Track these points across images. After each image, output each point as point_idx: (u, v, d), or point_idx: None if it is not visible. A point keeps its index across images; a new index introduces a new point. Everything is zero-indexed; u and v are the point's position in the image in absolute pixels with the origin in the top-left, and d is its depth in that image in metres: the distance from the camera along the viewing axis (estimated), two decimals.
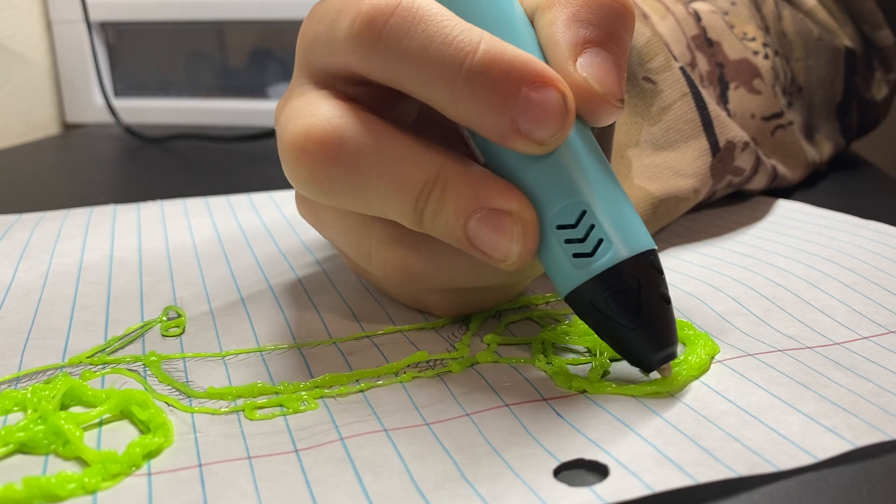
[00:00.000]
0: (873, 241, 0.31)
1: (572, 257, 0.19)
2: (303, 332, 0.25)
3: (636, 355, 0.20)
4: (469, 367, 0.22)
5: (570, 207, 0.20)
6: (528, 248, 0.20)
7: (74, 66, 0.71)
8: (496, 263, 0.20)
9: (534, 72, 0.19)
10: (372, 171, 0.20)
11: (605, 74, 0.20)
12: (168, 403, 0.20)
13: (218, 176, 0.49)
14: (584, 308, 0.20)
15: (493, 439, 0.18)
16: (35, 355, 0.23)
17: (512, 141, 0.19)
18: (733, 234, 0.33)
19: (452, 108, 0.19)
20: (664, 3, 0.38)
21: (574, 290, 0.20)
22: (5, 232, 0.35)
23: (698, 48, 0.37)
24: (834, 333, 0.23)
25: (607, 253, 0.19)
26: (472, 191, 0.20)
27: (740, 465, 0.17)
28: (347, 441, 0.18)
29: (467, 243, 0.20)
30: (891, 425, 0.18)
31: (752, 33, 0.39)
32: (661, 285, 0.20)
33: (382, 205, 0.21)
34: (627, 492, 0.16)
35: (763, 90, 0.37)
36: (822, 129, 0.43)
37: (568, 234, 0.20)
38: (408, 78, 0.20)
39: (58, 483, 0.16)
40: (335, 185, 0.20)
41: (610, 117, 0.20)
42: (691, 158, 0.32)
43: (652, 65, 0.32)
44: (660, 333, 0.19)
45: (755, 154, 0.35)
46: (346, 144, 0.20)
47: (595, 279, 0.19)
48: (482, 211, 0.20)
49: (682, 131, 0.32)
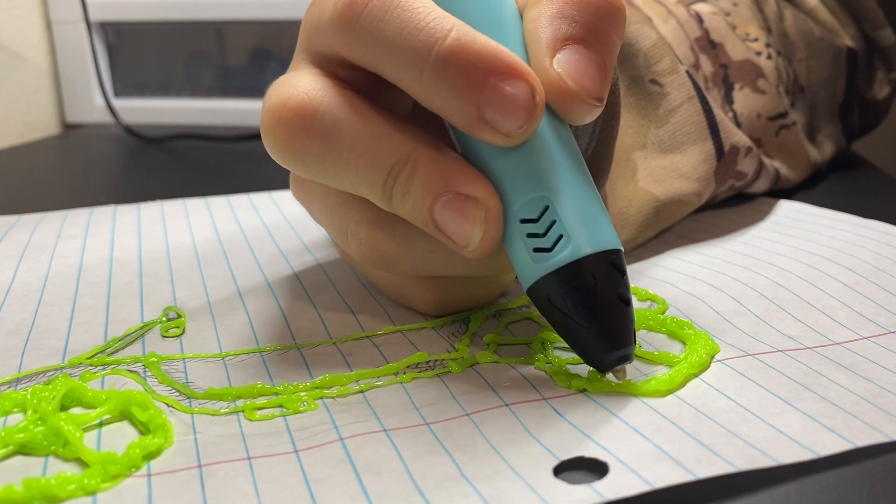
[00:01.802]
0: (874, 240, 0.31)
1: (533, 251, 0.20)
2: (303, 332, 0.25)
3: (589, 355, 0.20)
4: (469, 368, 0.22)
5: (534, 202, 0.20)
6: (489, 235, 0.20)
7: (74, 66, 0.71)
8: (459, 249, 0.20)
9: (503, 63, 0.19)
10: (344, 145, 0.20)
11: (581, 72, 0.20)
12: (168, 404, 0.20)
13: (218, 176, 0.49)
14: (542, 303, 0.20)
15: (492, 438, 0.18)
16: (35, 356, 0.23)
17: (478, 130, 0.19)
18: (734, 234, 0.33)
19: (422, 94, 0.20)
20: (665, 6, 0.38)
21: (533, 285, 0.20)
22: (5, 233, 0.35)
23: (701, 50, 0.37)
24: (834, 333, 0.23)
25: (566, 249, 0.19)
26: (441, 174, 0.20)
27: (740, 459, 0.17)
28: (347, 441, 0.18)
29: (433, 225, 0.20)
30: (891, 426, 0.18)
31: (755, 34, 0.39)
32: (620, 286, 0.20)
33: (353, 180, 0.21)
34: (627, 488, 0.16)
35: (768, 90, 0.37)
36: (823, 130, 0.43)
37: (530, 229, 0.20)
38: (382, 61, 0.20)
39: (57, 484, 0.16)
40: (308, 155, 0.21)
41: (585, 116, 0.20)
42: (697, 161, 0.32)
43: (658, 67, 0.32)
44: (614, 334, 0.19)
45: (757, 159, 0.35)
46: (320, 116, 0.20)
47: (552, 274, 0.19)
48: (448, 195, 0.20)
49: (688, 133, 0.32)
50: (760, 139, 0.37)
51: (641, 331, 0.24)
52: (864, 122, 0.47)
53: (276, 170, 0.49)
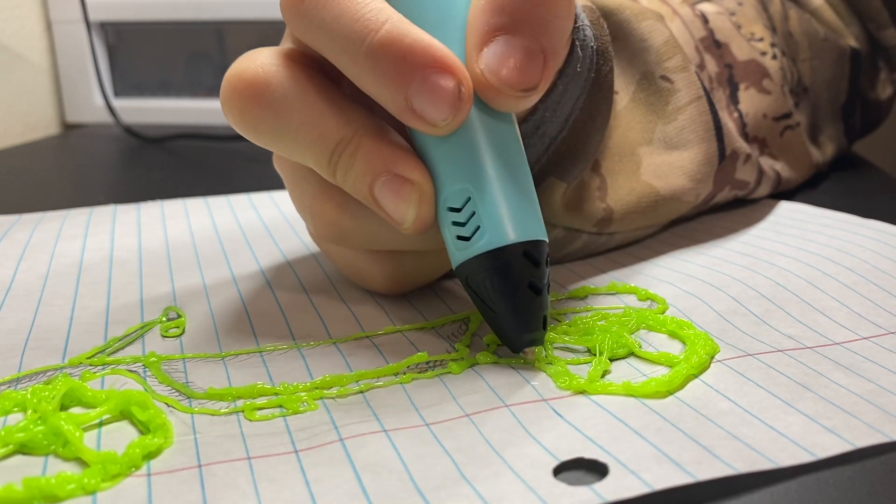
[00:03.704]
0: (874, 240, 0.31)
1: (456, 238, 0.21)
2: (302, 332, 0.25)
3: (501, 335, 0.22)
4: (469, 368, 0.22)
5: (458, 192, 0.21)
6: (422, 215, 0.22)
7: (74, 66, 0.71)
8: (396, 225, 0.22)
9: (432, 57, 0.20)
10: (293, 118, 0.22)
11: (503, 64, 0.20)
12: (168, 404, 0.20)
13: (218, 176, 0.49)
14: (463, 284, 0.22)
15: (492, 439, 0.18)
16: (35, 356, 0.23)
17: (407, 118, 0.21)
18: (734, 234, 0.33)
19: (357, 80, 0.21)
20: (671, 6, 0.38)
21: (456, 268, 0.22)
22: (5, 232, 0.35)
23: (706, 50, 0.37)
24: (834, 334, 0.23)
25: (481, 240, 0.21)
26: (381, 155, 0.21)
27: (740, 462, 0.17)
28: (347, 442, 0.18)
29: (372, 201, 0.22)
30: (891, 426, 0.18)
31: (760, 33, 0.39)
32: (531, 275, 0.21)
33: (302, 153, 0.22)
34: (627, 490, 0.16)
35: (773, 90, 0.37)
36: (826, 131, 0.43)
37: (454, 217, 0.21)
38: (323, 46, 0.21)
39: (57, 484, 0.16)
40: (259, 124, 0.22)
41: (513, 106, 0.21)
42: (700, 161, 0.32)
43: (669, 64, 0.33)
44: (522, 319, 0.21)
45: (756, 166, 0.35)
46: (272, 90, 0.22)
47: (470, 261, 0.21)
48: (387, 175, 0.21)
49: (695, 132, 0.32)
50: (765, 140, 0.37)
51: (641, 330, 0.24)
52: (865, 123, 0.47)
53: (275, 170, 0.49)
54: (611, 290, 0.27)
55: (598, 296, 0.27)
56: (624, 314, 0.25)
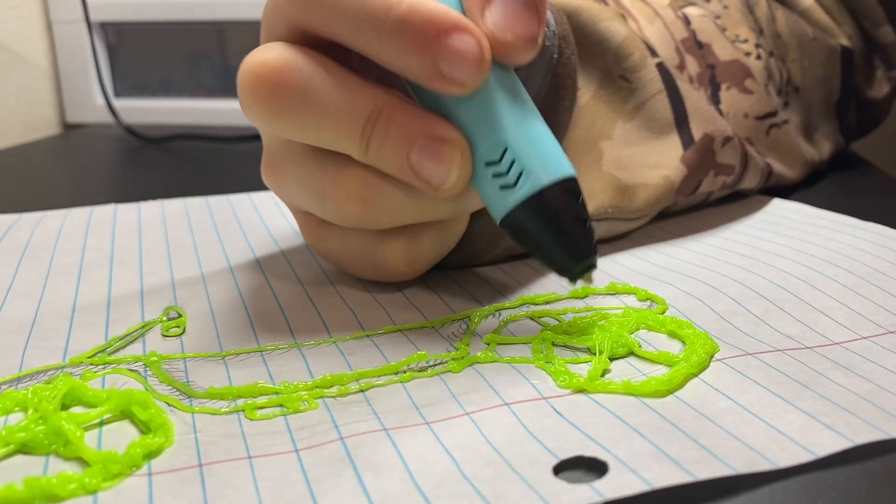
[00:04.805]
0: (872, 243, 0.31)
1: (500, 189, 0.22)
2: (303, 331, 0.25)
3: (560, 267, 0.22)
4: (469, 367, 0.22)
5: (495, 146, 0.22)
6: (464, 172, 0.22)
7: (75, 67, 0.71)
8: (434, 191, 0.23)
9: (451, 21, 0.21)
10: (322, 97, 0.22)
11: (511, 20, 0.22)
12: (168, 403, 0.20)
13: (218, 176, 0.49)
14: (515, 231, 0.22)
15: (492, 438, 0.18)
16: (36, 355, 0.23)
17: (437, 83, 0.21)
18: (733, 234, 0.33)
19: (383, 55, 0.22)
20: (653, 7, 0.39)
21: (505, 217, 0.22)
22: (6, 232, 0.35)
23: (688, 51, 0.37)
24: (833, 333, 0.23)
25: (527, 183, 0.22)
26: (415, 121, 0.22)
27: (739, 462, 0.17)
28: (347, 440, 0.18)
29: (410, 171, 0.22)
30: (890, 424, 0.18)
31: (745, 35, 0.40)
32: (576, 207, 0.22)
33: (332, 132, 0.23)
34: (627, 488, 0.16)
35: (755, 90, 0.38)
36: (820, 129, 0.43)
37: (494, 170, 0.22)
38: (343, 29, 0.22)
39: (58, 483, 0.16)
40: (287, 109, 0.22)
41: (524, 57, 0.22)
42: (661, 153, 0.33)
43: (627, 63, 0.33)
44: (578, 248, 0.22)
45: (740, 150, 0.35)
46: (297, 73, 0.22)
47: (520, 206, 0.22)
48: (423, 139, 0.22)
49: (652, 129, 0.33)
50: (751, 138, 0.38)
51: (641, 330, 0.24)
52: (863, 121, 0.47)
53: None
54: (610, 291, 0.27)
55: (597, 296, 0.27)
56: (624, 314, 0.25)
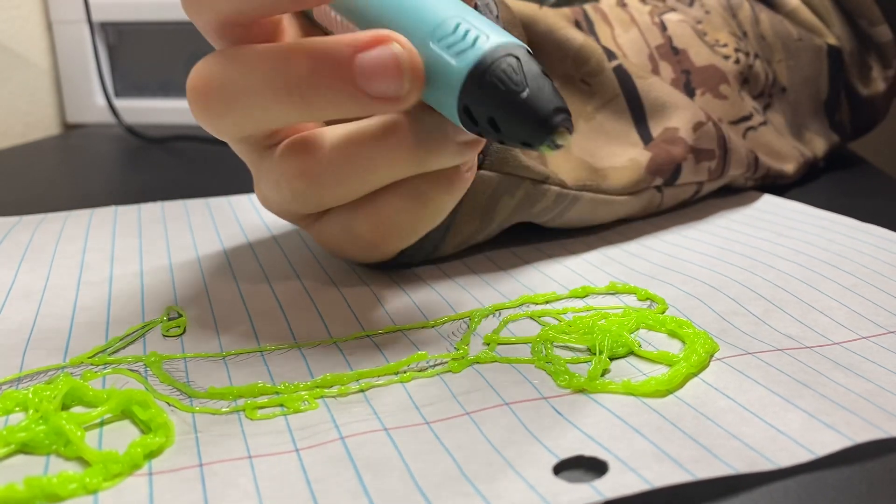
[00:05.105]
0: (872, 245, 0.31)
1: (457, 54, 0.21)
2: (303, 331, 0.25)
3: (533, 117, 0.21)
4: (469, 367, 0.22)
5: (444, 23, 0.21)
6: (416, 67, 0.20)
7: (75, 67, 0.71)
8: (398, 102, 0.21)
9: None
10: (240, 86, 0.22)
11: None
12: (169, 403, 0.20)
13: (218, 176, 0.49)
14: (480, 91, 0.21)
15: (493, 437, 0.18)
16: (36, 356, 0.23)
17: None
18: (733, 234, 0.33)
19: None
20: (630, 14, 0.39)
21: (466, 81, 0.21)
22: (6, 233, 0.35)
23: (662, 57, 0.38)
24: (833, 333, 0.23)
25: (487, 41, 0.21)
26: (340, 47, 0.20)
27: (739, 462, 0.17)
28: (348, 440, 0.18)
29: (363, 96, 0.20)
30: (890, 424, 0.18)
31: (724, 40, 0.40)
32: (539, 62, 0.21)
33: (266, 110, 0.22)
34: (627, 487, 0.16)
35: (729, 95, 0.39)
36: (811, 127, 0.44)
37: (448, 40, 0.21)
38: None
39: (59, 483, 0.16)
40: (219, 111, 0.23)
41: None
42: (623, 147, 0.34)
43: (587, 68, 0.35)
44: (548, 93, 0.21)
45: (716, 134, 0.36)
46: (214, 75, 0.22)
47: (482, 60, 0.21)
48: (360, 59, 0.20)
49: (609, 132, 0.35)
50: None
51: (641, 330, 0.24)
52: (858, 120, 0.47)
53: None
54: (610, 290, 0.27)
55: (597, 295, 0.27)
56: (624, 314, 0.25)
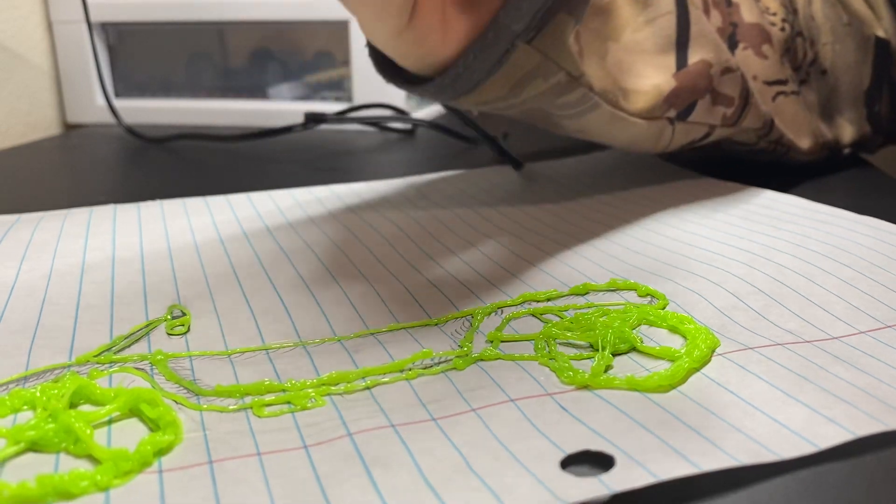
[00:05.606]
0: (870, 237, 0.31)
1: None
2: (307, 329, 0.25)
3: None
4: (473, 364, 0.22)
5: None
6: None
7: (75, 67, 0.71)
8: None
9: None
10: None
11: None
12: (176, 401, 0.20)
13: (218, 176, 0.49)
14: None
15: (499, 433, 0.18)
16: (42, 355, 0.23)
17: None
18: (732, 228, 0.33)
19: None
20: None
21: None
22: (6, 232, 0.36)
23: (715, 5, 0.39)
24: (832, 328, 0.24)
25: None
26: None
27: (743, 454, 0.17)
28: (356, 436, 0.18)
29: None
30: (890, 417, 0.18)
31: (774, 9, 0.41)
32: None
33: None
34: (634, 481, 0.16)
35: (770, 56, 0.39)
36: (845, 113, 0.44)
37: None
38: None
39: (71, 481, 0.17)
40: None
41: None
42: (655, 67, 0.35)
43: None
44: None
45: (741, 84, 0.36)
46: None
47: None
48: None
49: (655, 45, 0.35)
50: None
51: (642, 326, 0.24)
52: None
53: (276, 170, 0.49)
54: (611, 287, 0.28)
55: (598, 292, 0.27)
56: (625, 310, 0.25)
